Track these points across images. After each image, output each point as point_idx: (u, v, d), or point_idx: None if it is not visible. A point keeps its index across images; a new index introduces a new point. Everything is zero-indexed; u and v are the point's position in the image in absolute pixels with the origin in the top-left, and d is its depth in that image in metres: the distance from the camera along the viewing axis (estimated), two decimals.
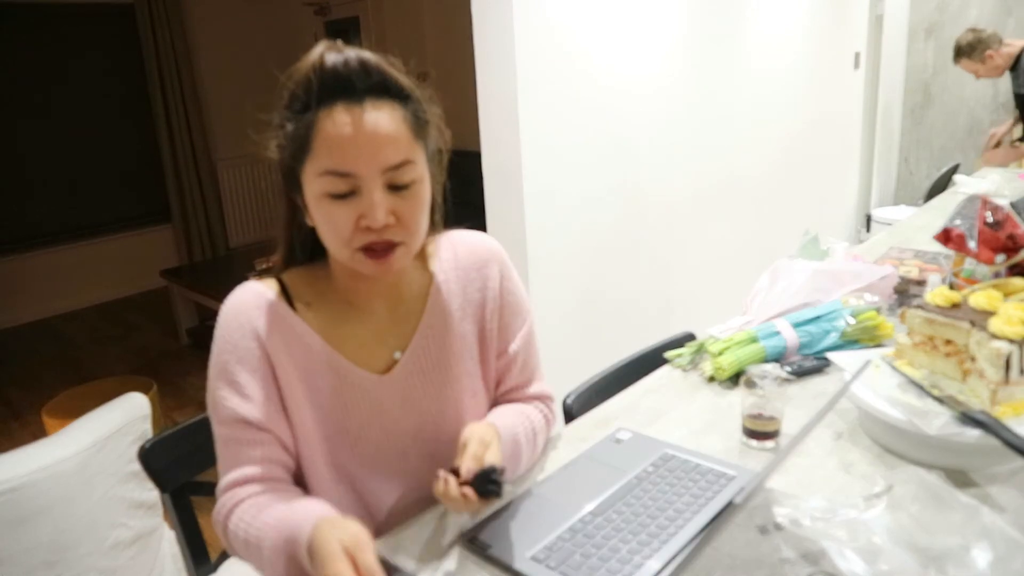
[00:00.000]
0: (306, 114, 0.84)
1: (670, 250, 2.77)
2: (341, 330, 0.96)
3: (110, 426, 1.63)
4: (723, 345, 1.34)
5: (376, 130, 0.83)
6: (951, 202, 2.32)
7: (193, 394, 3.57)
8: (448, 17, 4.83)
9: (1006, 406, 0.97)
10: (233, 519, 0.89)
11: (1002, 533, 0.81)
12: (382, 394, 0.97)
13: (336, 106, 0.83)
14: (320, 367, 0.94)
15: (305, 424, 0.94)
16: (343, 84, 0.83)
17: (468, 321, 1.03)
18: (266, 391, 0.91)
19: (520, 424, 1.03)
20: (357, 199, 0.84)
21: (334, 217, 0.85)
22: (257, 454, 0.91)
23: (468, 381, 1.04)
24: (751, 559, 0.84)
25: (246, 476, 0.91)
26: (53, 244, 4.93)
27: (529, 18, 1.99)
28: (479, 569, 0.87)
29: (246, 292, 0.94)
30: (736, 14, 2.95)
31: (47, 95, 4.75)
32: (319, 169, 0.84)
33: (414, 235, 0.89)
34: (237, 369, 0.91)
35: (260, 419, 0.90)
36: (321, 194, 0.85)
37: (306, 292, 0.96)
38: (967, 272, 1.47)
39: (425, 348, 1.00)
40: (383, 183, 0.85)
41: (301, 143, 0.84)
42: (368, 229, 0.85)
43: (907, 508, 0.89)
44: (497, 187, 2.16)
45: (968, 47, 3.36)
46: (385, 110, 0.84)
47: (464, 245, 1.06)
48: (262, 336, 0.91)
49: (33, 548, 1.47)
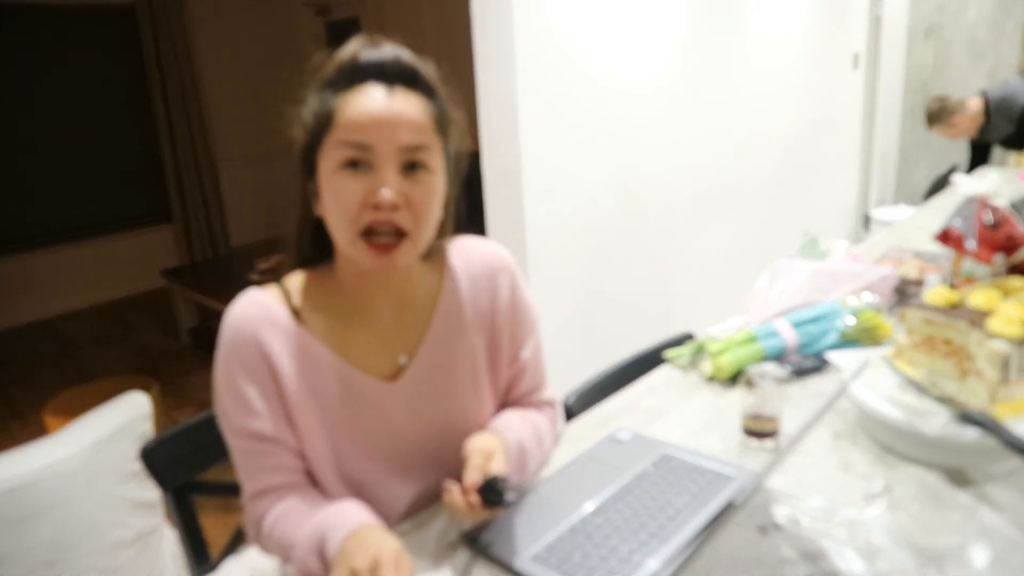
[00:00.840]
0: (336, 92, 0.86)
1: (670, 250, 2.78)
2: (346, 334, 0.96)
3: (111, 425, 1.63)
4: (723, 345, 1.34)
5: (401, 111, 0.85)
6: (950, 202, 2.32)
7: (194, 394, 3.57)
8: (448, 17, 4.83)
9: (1005, 406, 0.97)
10: (265, 526, 0.92)
11: (1000, 532, 0.82)
12: (388, 401, 0.97)
13: (366, 83, 0.86)
14: (325, 375, 0.94)
15: (311, 432, 0.94)
16: (376, 69, 0.86)
17: (477, 329, 1.03)
18: (271, 404, 0.92)
19: (525, 431, 1.03)
20: (369, 174, 0.84)
21: (344, 191, 0.85)
22: (272, 464, 0.93)
23: (476, 389, 1.03)
24: (750, 559, 0.84)
25: (267, 487, 0.93)
26: (54, 244, 4.93)
27: (529, 18, 1.99)
28: (479, 569, 0.88)
29: (248, 302, 0.93)
30: (736, 14, 2.96)
31: (47, 95, 4.75)
32: (338, 140, 0.85)
33: (421, 225, 0.88)
34: (242, 382, 0.91)
35: (267, 432, 0.91)
36: (336, 166, 0.85)
37: (310, 295, 0.96)
38: (966, 272, 1.47)
39: (433, 355, 0.99)
40: (398, 163, 0.85)
41: (326, 117, 0.86)
42: (375, 207, 0.84)
43: (906, 508, 0.89)
44: (497, 187, 2.16)
45: (934, 115, 3.48)
46: (412, 98, 0.87)
47: (475, 253, 1.05)
48: (265, 348, 0.91)
49: (34, 547, 1.47)
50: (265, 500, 0.93)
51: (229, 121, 5.52)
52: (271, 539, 0.92)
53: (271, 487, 0.93)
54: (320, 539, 0.85)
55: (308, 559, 0.86)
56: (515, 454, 0.98)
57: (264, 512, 0.93)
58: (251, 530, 0.95)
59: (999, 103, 3.27)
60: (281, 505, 0.92)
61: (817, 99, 3.76)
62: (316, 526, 0.86)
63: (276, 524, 0.91)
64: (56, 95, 4.79)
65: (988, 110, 3.32)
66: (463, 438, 0.97)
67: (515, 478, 0.99)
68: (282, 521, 0.91)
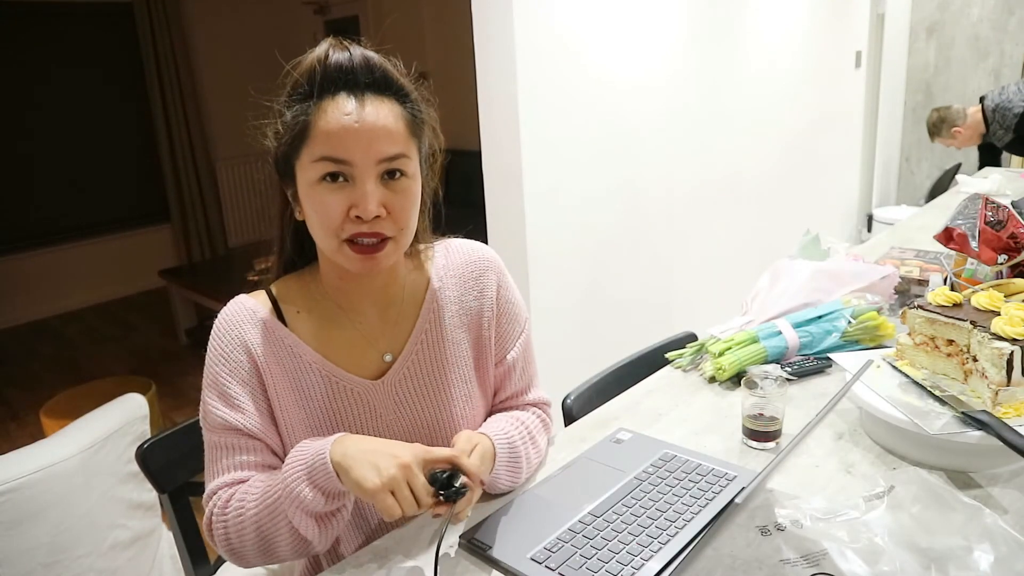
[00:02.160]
0: (307, 102, 0.85)
1: (670, 250, 2.77)
2: (331, 334, 0.97)
3: (108, 427, 1.63)
4: (724, 345, 1.33)
5: (375, 121, 0.84)
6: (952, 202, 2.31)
7: (192, 394, 3.57)
8: (448, 17, 4.83)
9: (1008, 406, 0.97)
10: (230, 509, 0.89)
11: (1004, 534, 0.81)
12: (374, 399, 0.98)
13: (338, 96, 0.85)
14: (311, 376, 0.95)
15: (296, 432, 0.95)
16: (346, 77, 0.85)
17: (463, 329, 1.04)
18: (256, 403, 0.93)
19: (515, 429, 1.03)
20: (350, 188, 0.85)
21: (325, 204, 0.85)
22: (248, 459, 0.92)
23: (462, 387, 1.03)
24: (752, 560, 0.83)
25: (236, 478, 0.91)
26: (51, 244, 4.92)
27: (529, 17, 1.99)
28: (479, 569, 0.87)
29: (237, 308, 0.95)
30: (737, 13, 2.95)
31: (45, 94, 4.75)
32: (315, 155, 0.85)
33: (404, 230, 0.90)
34: (228, 381, 0.92)
35: (251, 428, 0.92)
36: (315, 180, 0.85)
37: (297, 298, 0.98)
38: (969, 272, 1.46)
39: (418, 354, 1.00)
40: (376, 174, 0.86)
41: (300, 130, 0.86)
42: (358, 219, 0.85)
43: (908, 509, 0.88)
44: (497, 187, 2.16)
45: (935, 127, 3.48)
46: (385, 105, 0.86)
47: (461, 253, 1.06)
48: (252, 350, 0.93)
49: (31, 549, 1.46)
50: (224, 493, 0.90)
51: (227, 121, 5.51)
52: (241, 522, 0.88)
53: (239, 479, 0.91)
54: (307, 466, 0.83)
55: (298, 490, 0.83)
56: (505, 454, 0.98)
57: (225, 502, 0.89)
58: (215, 523, 0.90)
59: (993, 112, 3.25)
60: (240, 489, 0.90)
61: (819, 98, 3.75)
62: (294, 462, 0.84)
63: (247, 494, 0.88)
64: (54, 94, 4.78)
65: (986, 118, 3.31)
66: (450, 436, 0.98)
67: (508, 477, 0.99)
68: (252, 489, 0.88)
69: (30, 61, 4.67)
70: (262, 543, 0.88)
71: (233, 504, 0.89)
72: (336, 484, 0.82)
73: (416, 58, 0.93)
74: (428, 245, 1.05)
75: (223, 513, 0.90)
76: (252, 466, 0.93)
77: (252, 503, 0.88)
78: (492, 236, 2.20)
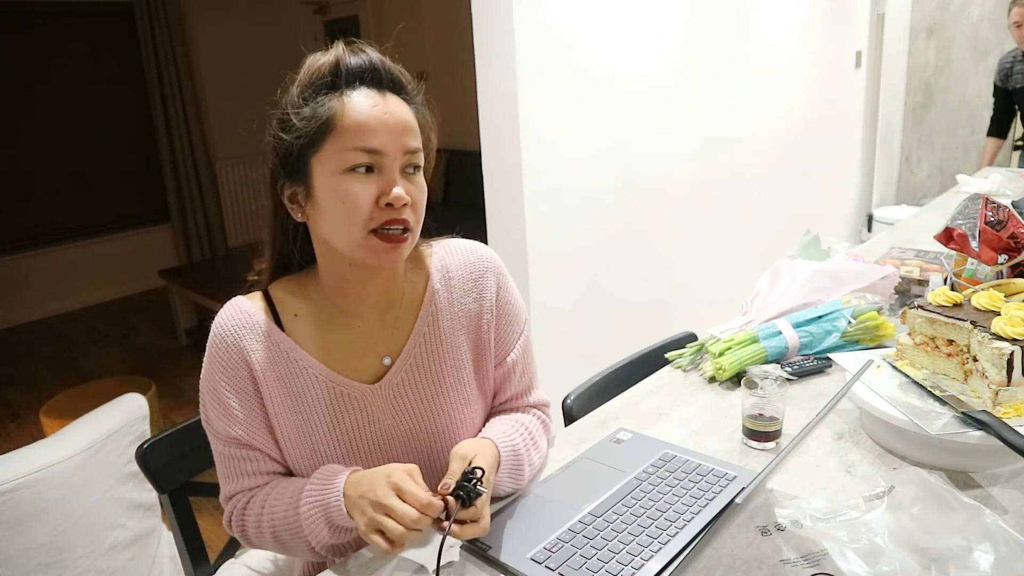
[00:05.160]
0: (330, 95, 0.87)
1: (670, 250, 2.77)
2: (329, 338, 0.97)
3: (108, 427, 1.63)
4: (724, 345, 1.33)
5: (401, 114, 0.89)
6: (952, 202, 2.31)
7: (192, 394, 3.57)
8: (448, 16, 4.82)
9: (1008, 406, 0.97)
10: (249, 514, 0.95)
11: (1004, 534, 0.81)
12: (373, 403, 0.97)
13: (363, 89, 0.88)
14: (309, 381, 0.95)
15: (293, 438, 0.95)
16: (368, 75, 0.89)
17: (462, 331, 1.03)
18: (251, 412, 0.94)
19: (517, 433, 1.02)
20: (376, 177, 0.87)
21: (354, 194, 0.86)
22: (250, 468, 0.96)
23: (461, 390, 1.03)
24: (752, 560, 0.83)
25: (244, 487, 0.97)
26: (51, 244, 4.92)
27: (529, 17, 1.99)
28: (479, 569, 0.87)
29: (233, 311, 0.95)
30: (737, 12, 2.95)
31: (45, 94, 4.75)
32: (345, 146, 0.86)
33: (419, 223, 0.92)
34: (224, 390, 0.94)
35: (247, 439, 0.94)
36: (341, 170, 0.86)
37: (294, 302, 0.98)
38: (969, 272, 1.46)
39: (417, 356, 1.00)
40: (400, 165, 0.88)
41: (323, 123, 0.86)
42: (389, 206, 0.87)
43: (908, 509, 0.88)
44: (497, 187, 2.16)
45: None
46: (402, 103, 0.90)
47: (460, 254, 1.05)
48: (247, 356, 0.93)
49: (31, 549, 1.46)
50: (243, 498, 0.97)
51: (227, 121, 5.51)
52: (260, 530, 0.94)
53: (248, 488, 0.97)
54: (323, 508, 0.88)
55: (317, 529, 0.88)
56: (509, 458, 0.97)
57: (244, 507, 0.96)
58: (234, 525, 0.98)
59: None
60: (260, 497, 0.95)
61: (819, 98, 3.75)
62: (309, 502, 0.89)
63: (264, 511, 0.93)
64: (53, 94, 4.78)
65: None
66: (450, 440, 0.99)
67: (511, 481, 0.99)
68: (271, 508, 0.93)
69: (30, 61, 4.67)
70: (280, 548, 0.96)
71: (252, 513, 0.95)
72: (350, 522, 0.87)
73: (416, 58, 0.95)
74: (427, 244, 1.04)
75: (242, 517, 0.96)
76: (260, 473, 0.96)
77: (270, 520, 0.93)
78: (492, 236, 2.20)
